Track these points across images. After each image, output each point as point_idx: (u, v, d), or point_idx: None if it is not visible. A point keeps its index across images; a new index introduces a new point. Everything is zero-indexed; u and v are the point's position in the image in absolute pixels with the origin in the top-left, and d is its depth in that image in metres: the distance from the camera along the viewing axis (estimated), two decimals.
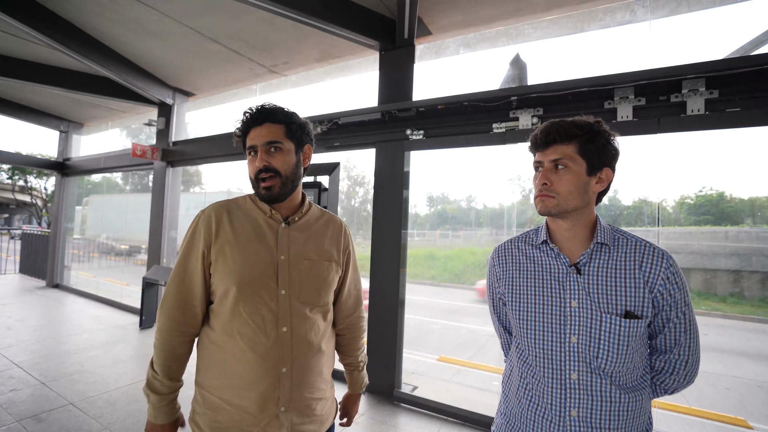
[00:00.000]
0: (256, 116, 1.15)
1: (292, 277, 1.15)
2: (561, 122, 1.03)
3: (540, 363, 1.05)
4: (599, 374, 0.99)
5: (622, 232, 1.06)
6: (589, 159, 1.00)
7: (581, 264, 1.04)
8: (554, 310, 1.04)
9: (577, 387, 0.99)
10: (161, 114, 6.08)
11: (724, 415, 3.68)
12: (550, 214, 1.03)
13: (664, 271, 0.98)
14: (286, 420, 1.12)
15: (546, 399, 1.03)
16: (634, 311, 0.98)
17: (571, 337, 1.01)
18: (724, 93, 2.41)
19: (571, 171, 1.00)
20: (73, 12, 4.25)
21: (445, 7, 3.41)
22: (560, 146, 1.01)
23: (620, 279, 1.00)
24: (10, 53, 5.29)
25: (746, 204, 6.18)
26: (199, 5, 3.81)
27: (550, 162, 1.02)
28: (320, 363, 1.21)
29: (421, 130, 3.48)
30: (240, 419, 1.08)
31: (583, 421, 0.99)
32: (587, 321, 1.00)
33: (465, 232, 11.22)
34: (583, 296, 1.01)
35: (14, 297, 7.08)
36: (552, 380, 1.02)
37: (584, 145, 1.00)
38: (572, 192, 1.00)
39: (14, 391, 3.31)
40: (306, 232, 1.23)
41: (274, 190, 1.13)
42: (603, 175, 1.03)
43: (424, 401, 3.34)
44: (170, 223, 5.96)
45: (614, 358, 0.98)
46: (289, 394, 1.12)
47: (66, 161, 8.25)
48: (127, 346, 4.66)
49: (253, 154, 1.15)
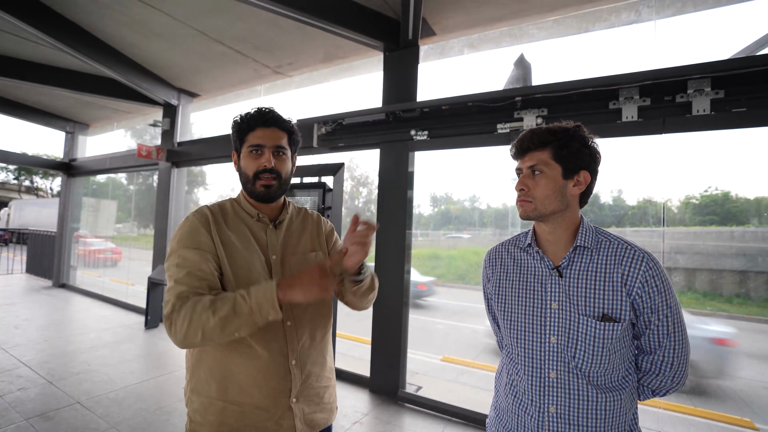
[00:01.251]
0: (267, 116, 1.18)
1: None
2: (535, 130, 1.07)
3: (522, 361, 1.09)
4: (577, 374, 1.02)
5: (606, 234, 1.08)
6: (564, 163, 1.04)
7: (562, 267, 1.07)
8: (536, 312, 1.08)
9: (556, 385, 1.04)
10: (166, 115, 6.12)
11: (730, 416, 3.67)
12: (530, 218, 1.07)
13: (643, 274, 1.00)
14: (299, 410, 1.16)
15: (527, 395, 1.08)
16: (611, 314, 1.00)
17: (551, 337, 1.05)
18: (730, 93, 2.40)
19: (546, 176, 1.04)
20: (80, 14, 4.28)
21: (449, 8, 3.41)
22: (535, 153, 1.05)
23: (599, 282, 1.02)
24: (18, 55, 5.34)
25: (752, 204, 6.13)
26: (204, 7, 3.83)
27: (527, 168, 1.07)
28: (324, 352, 1.27)
29: (426, 130, 3.48)
30: (252, 416, 1.10)
31: (561, 417, 1.02)
32: (566, 323, 1.03)
33: (469, 231, 11.22)
34: (563, 299, 1.05)
35: (21, 297, 7.14)
36: (532, 378, 1.07)
37: (558, 150, 1.04)
38: (549, 196, 1.04)
39: (22, 389, 3.35)
40: (289, 230, 1.29)
41: (273, 189, 1.17)
42: (580, 178, 1.05)
43: (428, 401, 3.35)
44: (175, 223, 6.00)
45: (590, 359, 1.01)
46: (299, 385, 1.16)
47: (72, 162, 8.32)
48: (132, 345, 4.70)
49: (256, 153, 1.17)
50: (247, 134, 1.18)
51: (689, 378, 1.10)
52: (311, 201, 3.84)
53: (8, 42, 4.91)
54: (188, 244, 1.09)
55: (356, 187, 14.77)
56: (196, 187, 13.65)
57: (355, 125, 3.89)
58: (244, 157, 1.19)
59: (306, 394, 1.18)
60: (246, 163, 1.18)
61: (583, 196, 1.09)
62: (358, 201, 14.90)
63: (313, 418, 1.19)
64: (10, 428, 2.76)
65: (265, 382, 1.11)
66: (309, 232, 1.33)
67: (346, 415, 3.15)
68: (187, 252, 1.08)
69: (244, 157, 1.19)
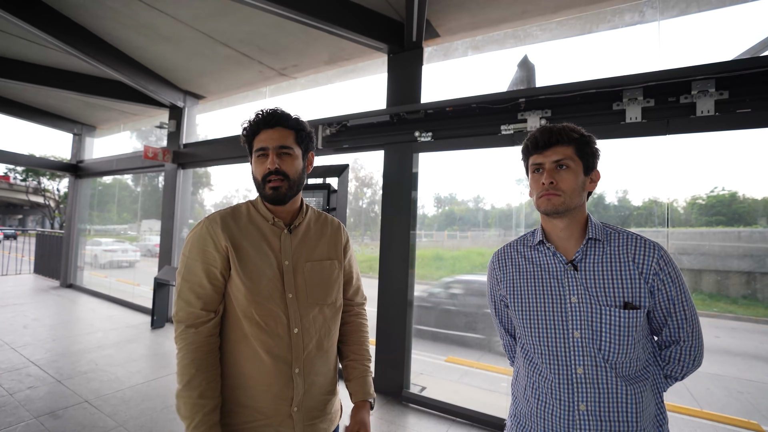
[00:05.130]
0: (268, 119, 1.16)
1: (297, 280, 1.18)
2: (559, 126, 1.09)
3: (546, 360, 1.08)
4: (604, 366, 1.01)
5: (613, 227, 1.11)
6: (585, 160, 1.07)
7: (577, 260, 1.08)
8: (555, 308, 1.08)
9: (584, 381, 1.02)
10: (172, 117, 6.18)
11: (736, 418, 3.64)
12: (557, 212, 1.06)
13: (657, 261, 1.02)
14: (299, 420, 1.14)
15: (554, 395, 1.05)
16: (633, 302, 1.01)
17: (574, 332, 1.04)
18: (735, 94, 2.40)
19: (573, 171, 1.06)
20: (88, 18, 4.34)
21: (453, 10, 3.42)
22: (560, 147, 1.06)
23: (616, 272, 1.04)
24: (27, 59, 5.42)
25: (759, 204, 6.08)
26: (210, 10, 3.87)
27: (552, 162, 1.06)
28: (329, 362, 1.24)
29: (430, 132, 3.49)
30: (253, 420, 1.10)
31: (592, 414, 1.01)
32: (588, 315, 1.03)
33: (473, 232, 11.20)
34: (582, 291, 1.05)
35: (30, 297, 7.23)
36: (558, 376, 1.05)
37: (581, 147, 1.07)
38: (575, 190, 1.06)
39: (32, 388, 3.39)
40: (306, 235, 1.26)
41: (281, 190, 1.15)
42: (594, 176, 1.10)
43: (432, 402, 3.36)
44: (181, 224, 6.05)
45: (616, 349, 1.01)
46: (301, 394, 1.14)
47: (79, 163, 8.41)
48: (139, 345, 4.74)
49: (262, 156, 1.15)
50: (253, 139, 1.17)
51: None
52: (316, 202, 3.86)
53: (17, 45, 4.98)
54: (194, 254, 1.13)
55: (360, 187, 14.79)
56: (201, 188, 13.72)
57: (359, 127, 3.91)
58: (254, 163, 1.18)
59: (307, 405, 1.16)
60: (255, 168, 1.18)
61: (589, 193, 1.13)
62: (362, 202, 14.91)
63: (313, 428, 1.17)
64: (20, 426, 2.80)
65: (268, 388, 1.10)
66: (327, 239, 1.30)
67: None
68: (193, 263, 1.13)
69: (253, 162, 1.18)
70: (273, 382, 1.11)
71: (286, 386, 1.12)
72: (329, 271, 1.26)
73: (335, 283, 1.27)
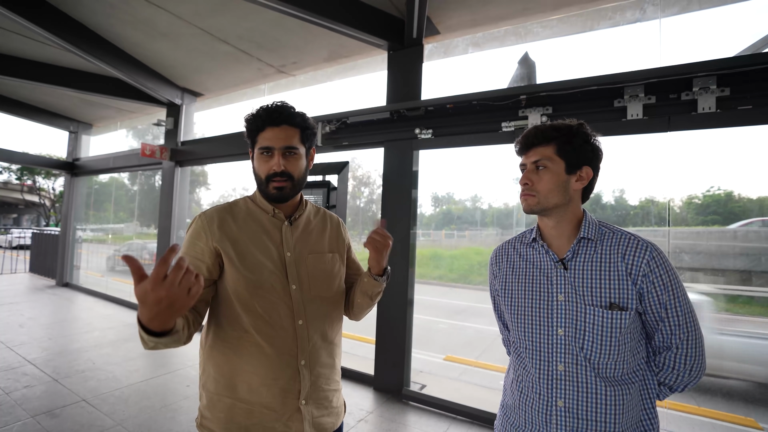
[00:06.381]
0: (275, 116, 1.12)
1: (300, 271, 1.18)
2: (539, 126, 1.11)
3: (530, 355, 1.10)
4: (585, 366, 1.02)
5: (609, 226, 1.10)
6: (567, 159, 1.07)
7: (567, 259, 1.09)
8: (542, 304, 1.09)
9: (564, 378, 1.04)
10: (170, 114, 6.14)
11: (733, 415, 3.66)
12: (533, 211, 1.10)
13: (647, 263, 1.01)
14: (308, 413, 1.13)
15: (535, 390, 1.08)
16: (619, 303, 1.01)
17: (558, 329, 1.06)
18: (736, 91, 2.40)
19: (550, 171, 1.07)
20: (85, 14, 4.30)
21: (453, 7, 3.42)
22: (539, 148, 1.09)
23: (604, 272, 1.04)
24: (23, 55, 5.37)
25: (755, 203, 6.12)
26: (209, 6, 3.84)
27: (531, 163, 1.10)
28: (334, 354, 1.24)
29: (430, 129, 3.49)
30: (260, 415, 1.08)
31: (569, 411, 1.02)
32: (573, 314, 1.04)
33: (470, 231, 11.22)
34: (569, 290, 1.06)
35: (25, 296, 7.17)
36: (540, 371, 1.07)
37: (562, 146, 1.07)
38: (552, 190, 1.07)
39: (28, 387, 3.36)
40: (307, 227, 1.26)
41: (285, 191, 1.14)
42: (583, 174, 1.09)
43: (432, 400, 3.35)
44: (179, 222, 6.01)
45: (599, 349, 1.01)
46: (308, 386, 1.13)
47: (75, 161, 8.35)
48: (136, 344, 4.70)
49: (266, 154, 1.14)
50: (257, 135, 1.14)
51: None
52: (315, 199, 3.85)
53: (13, 41, 4.93)
54: (188, 249, 1.13)
55: (358, 186, 14.77)
56: (198, 187, 13.65)
57: (359, 124, 3.90)
58: (256, 159, 1.16)
59: (315, 397, 1.15)
60: (258, 165, 1.16)
61: (585, 192, 1.13)
62: (359, 201, 14.90)
63: (321, 421, 1.16)
64: (17, 425, 2.77)
65: (274, 382, 1.08)
66: (328, 233, 1.31)
67: (351, 413, 3.15)
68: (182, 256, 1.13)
69: (255, 158, 1.16)
70: (279, 376, 1.09)
71: (293, 379, 1.11)
72: (331, 263, 1.26)
73: (337, 276, 1.27)
